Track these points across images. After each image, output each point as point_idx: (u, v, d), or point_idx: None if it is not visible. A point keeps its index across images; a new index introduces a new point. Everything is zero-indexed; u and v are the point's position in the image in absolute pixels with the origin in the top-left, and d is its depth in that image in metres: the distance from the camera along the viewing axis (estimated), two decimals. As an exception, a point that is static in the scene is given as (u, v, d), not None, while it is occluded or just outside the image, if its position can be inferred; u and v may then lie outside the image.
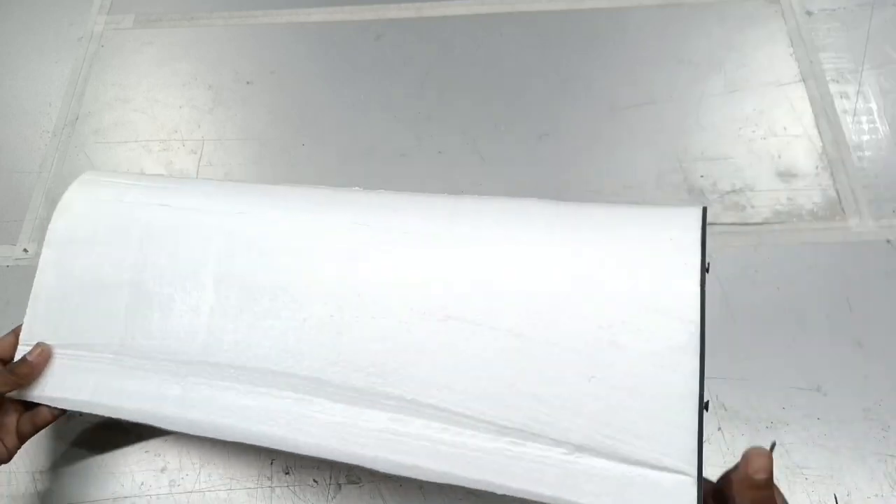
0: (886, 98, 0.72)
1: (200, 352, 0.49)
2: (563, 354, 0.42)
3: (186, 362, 0.49)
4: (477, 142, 0.72)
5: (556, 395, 0.42)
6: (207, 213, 0.52)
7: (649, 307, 0.41)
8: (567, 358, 0.42)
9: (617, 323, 0.41)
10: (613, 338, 0.41)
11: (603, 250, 0.44)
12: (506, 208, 0.48)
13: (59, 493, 0.56)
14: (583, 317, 0.42)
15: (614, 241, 0.44)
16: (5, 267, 0.68)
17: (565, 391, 0.41)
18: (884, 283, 0.62)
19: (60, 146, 0.75)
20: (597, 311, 0.42)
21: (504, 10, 0.81)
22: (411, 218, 0.49)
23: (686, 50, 0.76)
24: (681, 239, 0.42)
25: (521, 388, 0.42)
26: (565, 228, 0.46)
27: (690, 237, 0.42)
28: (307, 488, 0.55)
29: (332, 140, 0.74)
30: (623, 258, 0.43)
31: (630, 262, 0.43)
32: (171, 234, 0.52)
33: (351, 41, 0.80)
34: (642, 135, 0.71)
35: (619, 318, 0.41)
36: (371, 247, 0.48)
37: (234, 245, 0.50)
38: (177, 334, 0.50)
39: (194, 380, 0.49)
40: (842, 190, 0.67)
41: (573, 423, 0.41)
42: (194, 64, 0.80)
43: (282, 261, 0.49)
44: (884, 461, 0.54)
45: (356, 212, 0.50)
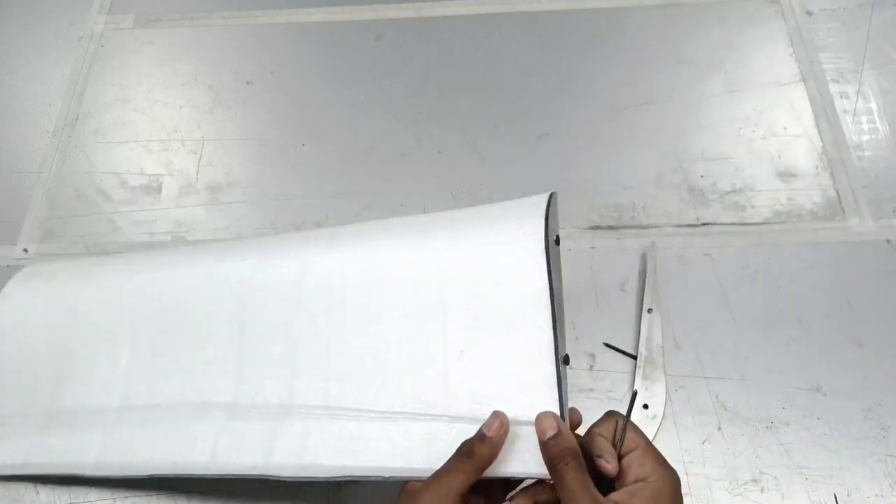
0: (886, 98, 0.72)
1: (119, 398, 0.53)
2: (434, 337, 0.46)
3: (107, 410, 0.53)
4: (477, 142, 0.72)
5: (431, 374, 0.45)
6: (122, 277, 0.58)
7: (503, 280, 0.45)
8: (437, 340, 0.46)
9: (477, 300, 0.46)
10: (476, 313, 0.45)
11: (461, 243, 0.48)
12: (379, 227, 0.54)
13: (59, 493, 0.56)
14: (446, 300, 0.46)
15: (471, 232, 0.49)
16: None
17: (439, 369, 0.45)
18: (884, 283, 0.62)
19: (60, 146, 0.75)
20: (460, 294, 0.46)
21: (504, 10, 0.81)
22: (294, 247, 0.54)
23: (686, 50, 0.76)
24: (527, 218, 0.47)
25: (399, 374, 0.46)
26: (427, 230, 0.51)
27: (535, 213, 0.47)
28: (307, 488, 0.55)
29: (332, 140, 0.74)
30: (480, 242, 0.48)
31: (484, 244, 0.47)
32: (91, 301, 0.58)
33: (351, 41, 0.80)
34: (642, 135, 0.71)
35: (477, 294, 0.46)
36: (260, 278, 0.53)
37: (144, 299, 0.56)
38: (99, 388, 0.54)
39: (115, 425, 0.53)
40: (842, 190, 0.67)
41: (447, 397, 0.44)
42: (194, 64, 0.80)
43: (184, 305, 0.54)
44: (884, 461, 0.54)
45: (247, 253, 0.56)
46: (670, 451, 0.55)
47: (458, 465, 0.41)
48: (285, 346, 0.50)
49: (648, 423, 0.55)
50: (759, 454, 0.54)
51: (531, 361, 0.43)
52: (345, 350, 0.48)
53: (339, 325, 0.49)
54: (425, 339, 0.46)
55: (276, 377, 0.49)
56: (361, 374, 0.47)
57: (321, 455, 0.46)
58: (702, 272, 0.63)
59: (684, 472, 0.54)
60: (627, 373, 0.58)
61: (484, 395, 0.43)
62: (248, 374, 0.50)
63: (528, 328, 0.43)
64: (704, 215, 0.66)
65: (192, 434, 0.50)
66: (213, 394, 0.51)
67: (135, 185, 0.72)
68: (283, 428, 0.48)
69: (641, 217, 0.67)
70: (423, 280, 0.47)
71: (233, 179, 0.72)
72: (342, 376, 0.47)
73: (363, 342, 0.48)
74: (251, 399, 0.49)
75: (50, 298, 0.60)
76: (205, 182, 0.72)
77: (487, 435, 0.41)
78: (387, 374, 0.46)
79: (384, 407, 0.45)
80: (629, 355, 0.59)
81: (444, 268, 0.47)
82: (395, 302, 0.48)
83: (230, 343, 0.51)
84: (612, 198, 0.68)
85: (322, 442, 0.46)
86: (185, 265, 0.57)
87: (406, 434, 0.44)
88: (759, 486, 0.53)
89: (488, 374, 0.44)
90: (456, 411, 0.44)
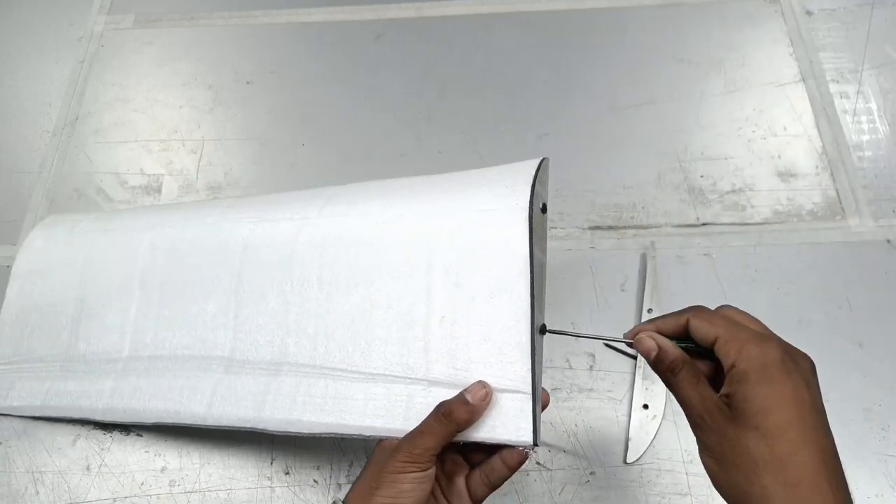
0: (886, 98, 0.72)
1: (129, 348, 0.56)
2: (418, 302, 0.46)
3: (118, 359, 0.56)
4: (477, 142, 0.72)
5: (413, 338, 0.46)
6: (136, 231, 0.60)
7: (486, 246, 0.45)
8: (420, 304, 0.46)
9: (461, 266, 0.46)
10: (457, 279, 0.45)
11: (451, 205, 0.48)
12: (375, 187, 0.54)
13: (59, 493, 0.56)
14: (432, 265, 0.46)
15: (461, 197, 0.49)
16: (5, 267, 0.68)
17: (420, 333, 0.46)
18: (884, 283, 0.62)
19: (60, 146, 0.75)
20: (444, 259, 0.46)
21: (504, 10, 0.81)
22: (292, 206, 0.54)
23: (686, 50, 0.76)
24: (516, 184, 0.46)
25: (384, 336, 0.47)
26: (421, 195, 0.51)
27: (523, 180, 0.46)
28: (307, 488, 0.55)
29: (332, 140, 0.74)
30: (467, 208, 0.47)
31: (472, 210, 0.47)
32: (107, 252, 0.60)
33: (351, 41, 0.80)
34: (642, 135, 0.71)
35: (461, 260, 0.46)
36: (258, 236, 0.54)
37: (155, 253, 0.58)
38: (110, 336, 0.57)
39: (124, 374, 0.56)
40: (842, 190, 0.67)
41: (426, 361, 0.45)
42: (194, 64, 0.80)
43: (191, 260, 0.56)
44: (884, 461, 0.54)
45: (250, 210, 0.56)
46: (670, 451, 0.55)
47: (435, 425, 0.42)
48: (278, 304, 0.51)
49: (648, 423, 0.55)
50: (759, 454, 0.54)
51: (508, 329, 0.43)
52: (334, 309, 0.49)
53: (330, 284, 0.49)
54: (409, 303, 0.46)
55: (269, 334, 0.51)
56: (348, 334, 0.48)
57: (307, 412, 0.48)
58: (702, 272, 0.63)
59: (684, 472, 0.54)
60: (627, 373, 0.58)
61: (462, 360, 0.44)
62: (243, 330, 0.52)
63: (507, 296, 0.44)
64: (704, 215, 0.66)
65: (193, 386, 0.53)
66: (213, 348, 0.53)
67: (135, 184, 0.72)
68: (273, 384, 0.49)
69: (641, 217, 0.67)
70: (412, 243, 0.48)
71: (233, 179, 0.72)
72: (330, 335, 0.48)
73: (352, 302, 0.48)
74: (245, 355, 0.51)
75: (70, 247, 0.62)
76: (205, 182, 0.72)
77: (470, 401, 0.41)
78: (371, 336, 0.47)
79: (368, 368, 0.47)
80: (629, 355, 0.59)
81: (431, 231, 0.47)
82: (383, 264, 0.48)
83: (228, 299, 0.53)
84: (612, 198, 0.68)
85: (309, 399, 0.48)
86: (193, 221, 0.58)
87: (387, 395, 0.46)
88: (759, 486, 0.53)
89: (467, 340, 0.44)
90: (435, 375, 0.45)
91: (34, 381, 0.59)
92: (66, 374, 0.58)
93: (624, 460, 0.55)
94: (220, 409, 0.51)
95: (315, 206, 0.53)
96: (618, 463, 0.55)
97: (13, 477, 0.57)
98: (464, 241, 0.46)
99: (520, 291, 0.43)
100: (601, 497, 0.54)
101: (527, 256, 0.43)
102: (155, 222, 0.60)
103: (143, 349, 0.55)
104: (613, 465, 0.55)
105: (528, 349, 0.42)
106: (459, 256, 0.46)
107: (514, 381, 0.42)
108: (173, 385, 0.53)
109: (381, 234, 0.49)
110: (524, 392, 0.42)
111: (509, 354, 0.43)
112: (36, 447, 0.58)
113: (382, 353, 0.46)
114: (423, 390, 0.45)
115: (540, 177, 0.47)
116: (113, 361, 0.56)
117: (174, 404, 0.53)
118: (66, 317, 0.59)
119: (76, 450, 0.58)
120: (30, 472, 0.57)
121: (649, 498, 0.53)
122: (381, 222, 0.49)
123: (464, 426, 0.42)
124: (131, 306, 0.57)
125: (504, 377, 0.43)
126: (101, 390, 0.56)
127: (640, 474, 0.54)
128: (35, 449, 0.58)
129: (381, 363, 0.46)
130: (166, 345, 0.54)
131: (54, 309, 0.60)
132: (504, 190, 0.47)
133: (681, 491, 0.53)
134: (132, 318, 0.56)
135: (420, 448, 0.41)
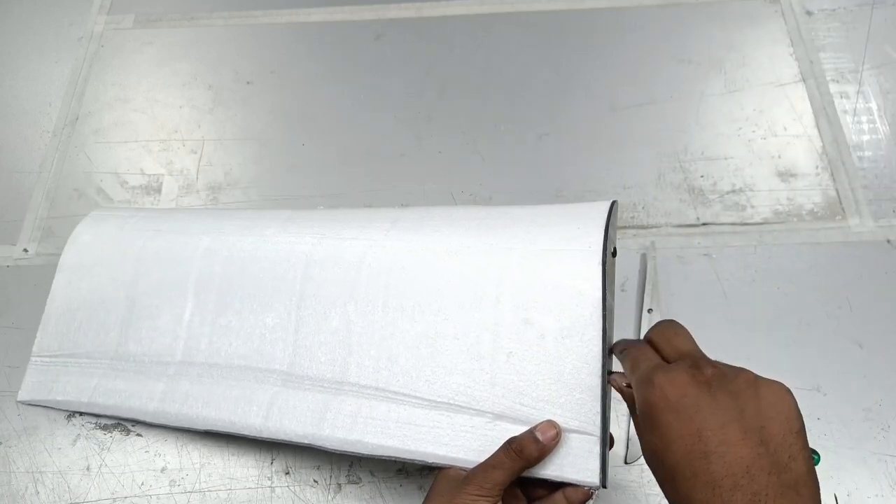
0: (886, 98, 0.72)
1: (181, 352, 0.56)
2: (484, 334, 0.47)
3: (170, 362, 0.56)
4: (477, 142, 0.72)
5: (479, 370, 0.47)
6: (191, 234, 0.60)
7: (558, 287, 0.46)
8: (488, 337, 0.47)
9: (530, 303, 0.46)
10: (527, 316, 0.46)
11: (520, 241, 0.49)
12: (441, 215, 0.55)
13: (59, 493, 0.56)
14: (500, 300, 0.47)
15: (530, 233, 0.49)
16: (5, 267, 0.68)
17: (487, 366, 0.46)
18: (884, 283, 0.62)
19: (60, 146, 0.75)
20: (513, 295, 0.47)
21: (504, 10, 0.81)
22: (356, 226, 0.55)
23: (686, 50, 0.76)
24: (587, 226, 0.47)
25: (449, 365, 0.47)
26: (488, 227, 0.51)
27: (595, 224, 0.47)
28: (307, 488, 0.55)
29: (332, 140, 0.74)
30: (537, 246, 0.48)
31: (543, 249, 0.48)
32: (161, 253, 0.60)
33: (351, 41, 0.80)
34: (642, 135, 0.71)
35: (531, 298, 0.46)
36: (322, 253, 0.54)
37: (212, 259, 0.57)
38: (162, 339, 0.57)
39: (176, 377, 0.56)
40: (842, 190, 0.67)
41: (493, 395, 0.46)
42: (194, 64, 0.80)
43: (249, 270, 0.56)
44: (884, 461, 0.54)
45: (313, 226, 0.57)
46: (670, 451, 0.55)
47: (506, 460, 0.43)
48: (341, 323, 0.51)
49: (648, 423, 0.55)
50: (759, 454, 0.54)
51: (579, 371, 0.44)
52: (398, 334, 0.49)
53: (395, 309, 0.50)
54: (476, 336, 0.47)
55: (331, 352, 0.51)
56: (413, 360, 0.48)
57: (368, 433, 0.48)
58: (702, 272, 0.63)
59: (684, 472, 0.54)
60: (627, 373, 0.58)
61: (530, 397, 0.45)
62: (303, 346, 0.52)
63: (578, 339, 0.44)
64: (704, 215, 0.66)
65: (249, 397, 0.53)
66: (271, 361, 0.53)
67: (135, 184, 0.72)
68: (333, 402, 0.50)
69: (641, 217, 0.67)
70: (481, 277, 0.48)
71: (233, 179, 0.72)
72: (393, 360, 0.49)
73: (417, 329, 0.49)
74: (304, 370, 0.51)
75: (120, 245, 0.62)
76: (205, 182, 0.72)
77: (541, 440, 0.43)
78: (437, 364, 0.48)
79: (432, 395, 0.47)
80: (629, 355, 0.59)
81: (501, 267, 0.48)
82: (450, 294, 0.48)
83: (289, 313, 0.53)
84: (612, 198, 0.68)
85: (371, 421, 0.49)
86: (253, 231, 0.58)
87: (451, 425, 0.46)
88: (759, 486, 0.53)
89: (535, 378, 0.45)
90: (500, 409, 0.45)
91: (80, 377, 0.59)
92: (115, 373, 0.58)
93: (624, 461, 0.55)
94: (277, 422, 0.51)
95: (381, 229, 0.53)
96: (618, 463, 0.55)
97: (13, 477, 0.57)
98: (534, 278, 0.47)
99: (592, 335, 0.44)
100: (601, 497, 0.54)
101: (599, 301, 0.44)
102: (211, 227, 0.60)
103: (197, 355, 0.55)
104: (614, 466, 0.55)
105: (598, 392, 0.43)
106: (529, 294, 0.46)
107: (583, 423, 0.44)
108: (228, 395, 0.53)
109: (449, 264, 0.49)
110: (593, 434, 0.43)
111: (579, 396, 0.44)
112: (36, 447, 0.58)
113: (447, 382, 0.47)
114: (488, 423, 0.46)
115: (611, 219, 0.48)
116: (165, 364, 0.56)
117: (229, 414, 0.53)
118: (116, 315, 0.59)
119: (76, 450, 0.58)
120: (30, 472, 0.57)
121: (649, 498, 0.53)
122: (449, 252, 0.50)
123: (533, 463, 0.43)
124: (185, 310, 0.56)
125: (573, 418, 0.44)
126: (151, 392, 0.56)
127: (641, 474, 0.54)
128: (35, 449, 0.58)
129: (445, 392, 0.47)
130: (221, 353, 0.54)
131: (103, 306, 0.59)
132: (576, 231, 0.47)
133: (681, 491, 0.53)
134: (186, 322, 0.56)
135: (491, 482, 0.42)
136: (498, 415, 0.45)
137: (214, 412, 0.54)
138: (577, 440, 0.43)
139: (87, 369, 0.59)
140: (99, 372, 0.58)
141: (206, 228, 0.60)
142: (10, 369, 0.62)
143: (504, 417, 0.45)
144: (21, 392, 0.60)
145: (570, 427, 0.44)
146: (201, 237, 0.59)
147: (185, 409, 0.54)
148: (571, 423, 0.44)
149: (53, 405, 0.59)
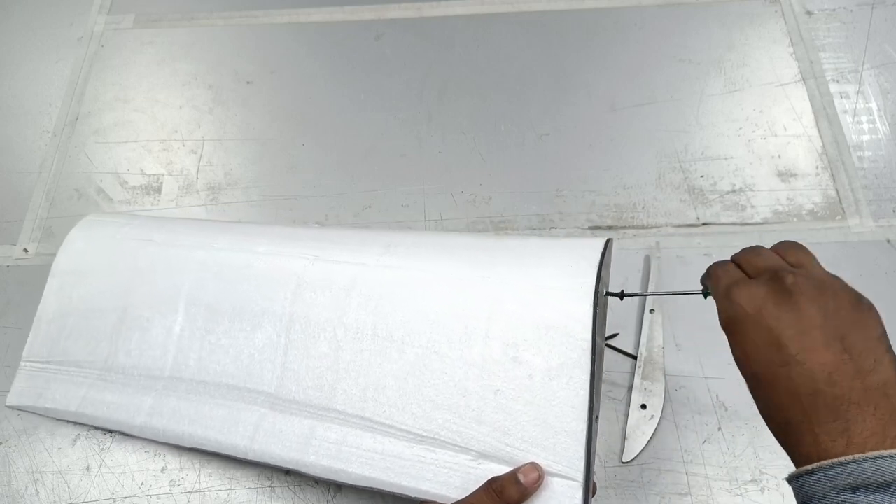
0: (886, 98, 0.72)
1: (170, 367, 0.55)
2: (472, 370, 0.46)
3: (158, 377, 0.56)
4: (477, 142, 0.72)
5: (466, 406, 0.46)
6: (184, 247, 0.59)
7: (548, 326, 0.45)
8: (475, 374, 0.46)
9: (520, 341, 0.46)
10: (516, 354, 0.45)
11: (514, 275, 0.48)
12: (435, 242, 0.55)
13: (59, 493, 0.56)
14: (490, 335, 0.46)
15: (524, 267, 0.49)
16: (5, 267, 0.68)
17: (473, 403, 0.46)
18: (884, 283, 0.62)
19: (60, 146, 0.75)
20: (503, 332, 0.46)
21: (504, 10, 0.81)
22: (348, 249, 0.54)
23: (686, 50, 0.76)
24: (579, 266, 0.47)
25: (436, 400, 0.47)
26: (481, 259, 0.50)
27: (589, 263, 0.46)
28: (307, 488, 0.55)
29: (332, 140, 0.74)
30: (529, 282, 0.47)
31: (535, 285, 0.47)
32: (154, 265, 0.59)
33: (351, 41, 0.80)
34: (642, 135, 0.71)
35: (521, 337, 0.46)
36: (313, 275, 0.53)
37: (204, 274, 0.57)
38: (152, 352, 0.56)
39: (164, 392, 0.55)
40: (842, 190, 0.67)
41: (478, 433, 0.45)
42: (194, 64, 0.80)
43: (240, 287, 0.55)
44: (884, 461, 0.54)
45: (306, 245, 0.56)
46: (670, 451, 0.55)
47: (486, 500, 0.43)
48: (329, 348, 0.51)
49: (646, 424, 0.55)
50: (759, 454, 0.54)
51: (565, 416, 0.44)
52: (386, 364, 0.49)
53: (384, 339, 0.49)
54: (465, 372, 0.46)
55: (318, 378, 0.50)
56: (400, 392, 0.48)
57: (353, 464, 0.48)
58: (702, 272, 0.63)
59: (684, 472, 0.54)
60: (626, 373, 0.58)
61: (515, 437, 0.45)
62: (291, 369, 0.52)
63: (566, 381, 0.44)
64: (704, 215, 0.66)
65: (236, 417, 0.53)
66: (259, 382, 0.52)
67: (135, 184, 0.72)
68: (319, 429, 0.50)
69: (641, 217, 0.67)
70: (472, 310, 0.47)
71: (233, 179, 0.72)
72: (380, 390, 0.48)
73: (406, 360, 0.48)
74: (291, 394, 0.51)
75: (112, 255, 0.61)
76: (205, 182, 0.72)
77: (522, 482, 0.42)
78: (424, 398, 0.47)
79: (418, 429, 0.47)
80: (629, 355, 0.59)
81: (493, 301, 0.47)
82: (441, 326, 0.48)
83: (278, 335, 0.53)
84: (612, 198, 0.68)
85: (355, 451, 0.48)
86: (244, 247, 0.58)
87: (435, 460, 0.46)
88: (759, 486, 0.53)
89: (521, 419, 0.45)
90: (485, 447, 0.45)
91: (69, 386, 0.58)
92: (104, 384, 0.57)
93: (620, 460, 0.55)
94: (262, 444, 0.51)
95: (373, 253, 0.53)
96: (617, 463, 0.55)
97: (13, 477, 0.57)
98: (524, 316, 0.46)
99: (580, 377, 0.44)
100: (600, 497, 0.53)
101: (589, 342, 0.44)
102: (204, 242, 0.59)
103: (186, 371, 0.55)
104: (612, 465, 0.55)
105: (583, 438, 0.43)
106: (519, 331, 0.46)
107: (566, 468, 0.43)
108: (215, 413, 0.53)
109: (440, 295, 0.49)
110: (575, 480, 0.43)
111: (564, 440, 0.43)
112: (36, 447, 0.58)
113: (433, 416, 0.47)
114: (472, 461, 0.45)
115: (605, 260, 0.47)
116: (153, 378, 0.56)
117: (215, 433, 0.53)
118: (107, 325, 0.58)
119: (76, 450, 0.58)
120: (30, 472, 0.57)
121: (649, 498, 0.53)
122: (441, 282, 0.50)
123: None
124: (175, 324, 0.56)
125: (557, 462, 0.43)
126: (139, 406, 0.56)
127: (640, 474, 0.54)
128: (35, 449, 0.58)
129: (430, 426, 0.47)
130: (210, 370, 0.54)
131: (94, 315, 0.59)
132: (568, 269, 0.47)
133: (680, 491, 0.53)
134: (176, 336, 0.56)
135: None
136: (482, 453, 0.45)
137: (201, 430, 0.53)
138: (560, 484, 0.43)
139: (77, 378, 0.58)
140: (88, 382, 0.58)
141: (199, 242, 0.59)
142: (9, 369, 0.62)
143: (488, 456, 0.45)
144: (10, 396, 0.60)
145: (553, 471, 0.43)
146: (194, 251, 0.59)
147: (172, 426, 0.54)
148: (555, 467, 0.43)
149: (42, 412, 0.59)
